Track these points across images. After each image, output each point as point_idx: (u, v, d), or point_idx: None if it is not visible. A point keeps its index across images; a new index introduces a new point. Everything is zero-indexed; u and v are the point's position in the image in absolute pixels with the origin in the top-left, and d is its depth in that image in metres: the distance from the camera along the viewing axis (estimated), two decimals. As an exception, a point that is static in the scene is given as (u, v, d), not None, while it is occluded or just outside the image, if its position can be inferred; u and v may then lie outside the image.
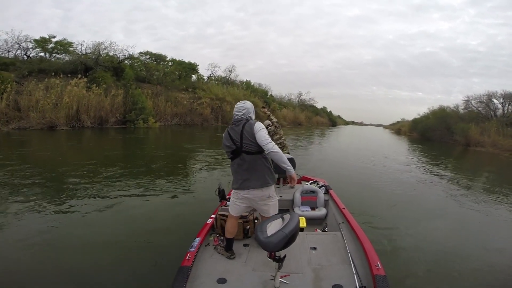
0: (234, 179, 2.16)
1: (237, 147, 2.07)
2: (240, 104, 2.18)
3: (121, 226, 3.55)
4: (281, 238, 1.50)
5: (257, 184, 2.05)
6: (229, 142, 2.11)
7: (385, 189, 6.05)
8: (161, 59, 27.48)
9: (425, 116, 29.46)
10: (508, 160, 14.81)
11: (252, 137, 2.03)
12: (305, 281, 1.84)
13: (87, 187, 4.95)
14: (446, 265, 2.90)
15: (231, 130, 2.12)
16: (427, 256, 3.06)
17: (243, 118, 2.12)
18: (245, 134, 2.05)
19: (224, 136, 2.16)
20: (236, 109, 2.17)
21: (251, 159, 2.06)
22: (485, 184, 8.01)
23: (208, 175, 6.58)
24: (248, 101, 2.26)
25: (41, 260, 2.67)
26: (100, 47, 20.33)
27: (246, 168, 2.07)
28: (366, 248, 2.04)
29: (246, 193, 2.10)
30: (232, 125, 2.15)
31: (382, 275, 1.74)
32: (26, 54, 19.09)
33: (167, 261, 2.58)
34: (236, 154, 2.09)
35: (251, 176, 2.06)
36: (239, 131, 2.07)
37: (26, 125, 12.49)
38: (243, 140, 2.05)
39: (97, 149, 9.10)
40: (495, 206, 5.35)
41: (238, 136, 2.07)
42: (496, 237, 3.84)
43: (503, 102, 21.62)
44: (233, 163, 2.14)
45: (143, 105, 18.23)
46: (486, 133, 19.07)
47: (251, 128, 2.05)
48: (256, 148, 2.03)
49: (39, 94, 13.20)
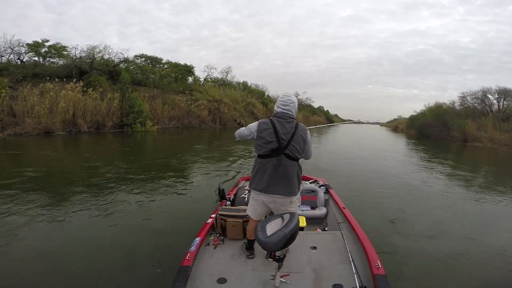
0: (259, 179, 1.93)
1: (280, 146, 1.84)
2: (287, 97, 1.94)
3: (121, 227, 3.56)
4: (281, 237, 1.49)
5: (286, 191, 1.91)
6: (272, 137, 1.84)
7: (386, 187, 5.98)
8: (156, 61, 27.24)
9: (421, 113, 29.72)
10: (506, 155, 14.95)
11: (303, 144, 1.89)
12: (305, 281, 1.83)
13: (87, 191, 4.92)
14: (446, 264, 2.86)
15: (279, 124, 1.86)
16: (427, 255, 3.02)
17: (293, 116, 1.91)
18: (297, 138, 1.86)
19: (265, 127, 1.87)
20: (281, 102, 1.92)
21: (289, 164, 1.88)
22: (485, 179, 8.03)
23: (207, 175, 6.58)
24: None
25: (43, 263, 2.66)
26: (94, 51, 20.06)
27: (280, 172, 1.88)
28: (366, 248, 2.04)
29: (270, 197, 1.93)
30: (279, 119, 1.88)
31: (382, 275, 1.73)
32: (20, 59, 18.71)
33: (167, 261, 2.57)
34: (275, 153, 1.85)
35: (283, 181, 1.90)
36: (291, 131, 1.85)
37: (22, 131, 12.21)
38: (292, 142, 1.85)
39: (94, 154, 8.99)
40: (496, 201, 5.32)
41: (288, 136, 1.85)
42: (498, 233, 3.77)
43: (498, 97, 21.88)
44: (266, 161, 1.89)
45: (140, 108, 18.00)
46: (483, 128, 19.27)
47: (305, 134, 1.91)
48: (299, 156, 1.90)
49: (33, 99, 12.92)
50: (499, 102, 21.82)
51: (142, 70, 24.82)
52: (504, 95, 21.44)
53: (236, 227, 2.30)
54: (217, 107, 25.81)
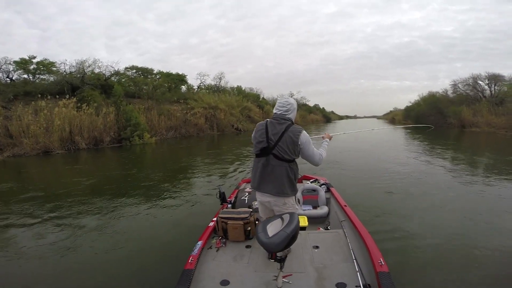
0: (253, 177, 2.07)
1: (269, 145, 1.92)
2: (284, 99, 2.03)
3: (124, 232, 3.66)
4: (283, 238, 1.50)
5: (274, 191, 1.95)
6: (263, 137, 1.94)
7: (387, 182, 5.83)
8: (148, 72, 27.00)
9: (416, 103, 30.19)
10: (505, 138, 15.17)
11: (292, 146, 1.89)
12: (308, 280, 1.82)
13: (90, 202, 5.06)
14: (450, 260, 2.79)
15: (271, 125, 1.96)
16: (431, 251, 2.97)
17: (287, 118, 1.96)
18: (286, 139, 1.89)
19: (259, 129, 1.99)
20: (278, 104, 2.02)
21: (276, 164, 1.92)
22: (489, 164, 7.85)
23: (208, 180, 6.68)
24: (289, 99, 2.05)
25: (47, 269, 2.79)
26: (84, 65, 19.68)
27: (269, 171, 1.95)
28: (369, 245, 2.04)
29: (262, 195, 2.04)
30: (273, 120, 1.98)
31: (385, 272, 1.73)
32: (9, 77, 18.18)
33: (170, 265, 2.60)
34: (264, 152, 1.94)
35: (270, 180, 1.95)
36: (281, 131, 1.91)
37: (21, 152, 11.83)
38: (279, 142, 1.89)
39: (95, 170, 8.84)
40: (502, 188, 5.18)
41: (276, 136, 1.91)
42: (503, 230, 3.54)
43: (489, 83, 22.39)
44: (258, 160, 1.99)
45: (136, 121, 17.61)
46: (478, 114, 19.62)
47: (296, 137, 1.90)
48: (288, 157, 1.90)
49: (28, 118, 12.50)
50: (490, 88, 22.34)
51: (134, 82, 24.47)
52: (494, 80, 21.95)
53: (237, 229, 2.30)
54: (213, 114, 25.58)
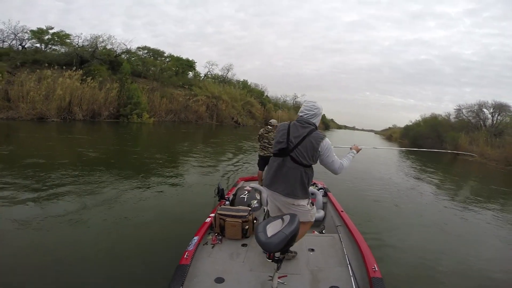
0: (267, 175, 2.06)
1: (288, 147, 1.91)
2: (312, 103, 2.00)
3: (118, 225, 3.45)
4: (282, 238, 1.49)
5: (284, 192, 1.94)
6: (284, 138, 1.94)
7: (382, 194, 6.19)
8: (158, 54, 27.40)
9: (416, 123, 29.87)
10: (495, 170, 15.14)
11: (311, 151, 1.88)
12: (303, 282, 1.84)
13: (81, 186, 4.63)
14: (442, 268, 2.95)
15: (293, 128, 1.95)
16: (423, 259, 3.10)
17: (311, 122, 1.96)
18: (306, 143, 1.88)
19: (281, 129, 2.00)
20: (305, 107, 1.99)
21: (292, 166, 1.91)
22: (474, 191, 8.44)
23: (206, 174, 6.44)
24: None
25: (38, 261, 2.55)
26: (97, 40, 20.28)
27: (283, 172, 1.93)
28: (363, 251, 2.07)
29: (272, 194, 2.03)
30: (296, 123, 1.97)
31: (378, 278, 1.76)
32: (22, 45, 18.91)
33: (165, 259, 2.54)
34: (282, 153, 1.93)
35: (283, 181, 1.94)
36: (302, 135, 1.89)
37: (15, 116, 12.35)
38: (299, 146, 1.88)
39: (89, 144, 8.74)
40: (483, 213, 5.60)
41: (297, 139, 1.90)
42: (483, 244, 3.97)
43: (493, 112, 22.06)
44: (274, 160, 1.99)
45: (138, 100, 18.16)
46: (475, 142, 19.44)
47: (318, 143, 1.88)
48: (305, 161, 1.89)
49: (30, 85, 13.08)
50: (493, 117, 22.02)
51: (143, 62, 24.94)
52: (499, 110, 21.63)
53: (235, 227, 2.31)
54: (215, 103, 25.90)
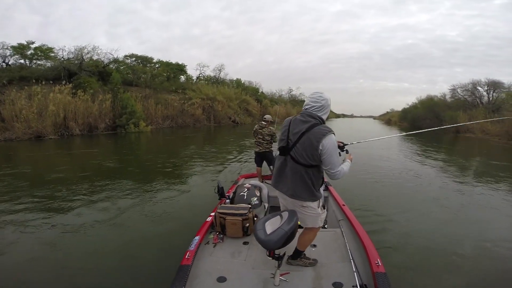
0: (274, 173, 1.95)
1: (288, 145, 1.73)
2: (318, 94, 1.74)
3: (120, 226, 3.55)
4: (281, 235, 1.48)
5: (288, 192, 1.81)
6: (284, 135, 1.77)
7: (385, 184, 5.97)
8: (147, 61, 26.84)
9: (413, 106, 30.11)
10: (498, 145, 15.27)
11: (310, 150, 1.64)
12: (305, 279, 1.81)
13: (84, 194, 4.87)
14: (446, 261, 2.86)
15: (294, 123, 1.75)
16: (427, 252, 3.00)
17: (315, 115, 1.70)
18: (304, 141, 1.65)
19: (284, 125, 1.83)
20: (310, 99, 1.74)
21: (293, 166, 1.73)
22: (480, 171, 8.11)
23: (205, 173, 6.51)
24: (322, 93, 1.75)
25: (43, 263, 2.67)
26: (83, 52, 19.56)
27: (285, 172, 1.79)
28: (366, 245, 2.01)
29: (279, 194, 1.93)
30: (298, 117, 1.75)
31: (382, 273, 1.71)
32: (5, 62, 18.10)
33: (166, 260, 2.55)
34: (284, 152, 1.76)
35: (285, 182, 1.81)
36: (301, 132, 1.67)
37: (12, 136, 11.94)
38: (297, 144, 1.68)
39: (88, 157, 8.75)
40: (490, 193, 5.36)
41: (296, 136, 1.69)
42: (493, 227, 3.76)
43: (488, 89, 22.32)
44: (279, 158, 1.85)
45: (132, 109, 17.65)
46: (474, 119, 19.61)
47: (317, 140, 1.61)
48: (304, 161, 1.67)
49: (21, 103, 12.57)
50: (488, 94, 22.28)
51: (133, 70, 24.36)
52: (493, 87, 21.88)
53: (235, 225, 2.26)
54: (211, 105, 25.58)
